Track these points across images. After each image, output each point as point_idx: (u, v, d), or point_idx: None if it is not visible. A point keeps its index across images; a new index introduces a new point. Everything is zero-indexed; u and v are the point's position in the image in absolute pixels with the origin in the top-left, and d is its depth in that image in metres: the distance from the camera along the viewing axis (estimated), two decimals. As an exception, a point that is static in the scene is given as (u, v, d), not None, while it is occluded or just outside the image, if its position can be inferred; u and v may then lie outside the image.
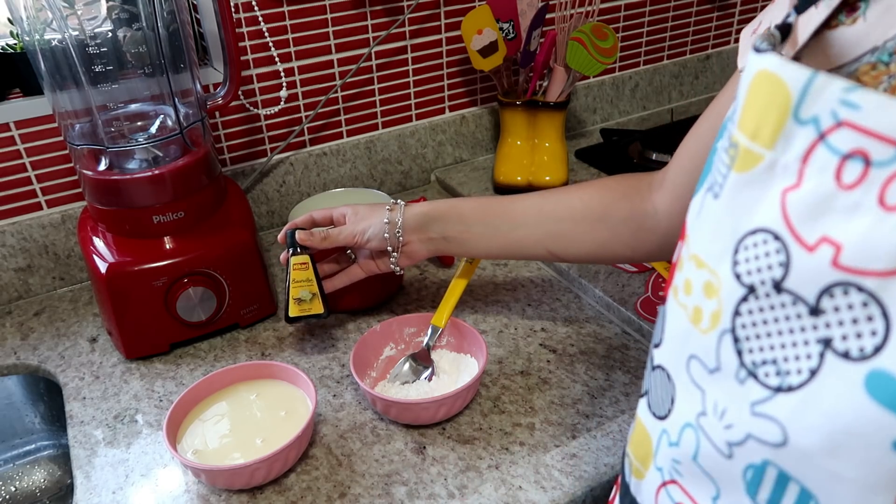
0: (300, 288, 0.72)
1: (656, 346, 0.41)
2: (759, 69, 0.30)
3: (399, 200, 0.75)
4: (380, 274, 0.79)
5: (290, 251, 0.73)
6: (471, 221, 0.72)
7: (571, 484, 0.62)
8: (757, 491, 0.33)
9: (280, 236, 0.76)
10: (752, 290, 0.31)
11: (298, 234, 0.73)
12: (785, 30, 0.36)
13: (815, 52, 0.36)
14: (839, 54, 0.35)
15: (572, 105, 1.28)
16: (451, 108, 1.17)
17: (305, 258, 0.72)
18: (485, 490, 0.62)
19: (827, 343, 0.29)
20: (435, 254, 0.75)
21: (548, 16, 1.08)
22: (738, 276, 0.32)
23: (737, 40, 1.41)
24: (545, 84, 1.06)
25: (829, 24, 0.36)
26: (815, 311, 0.29)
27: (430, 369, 0.74)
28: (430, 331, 0.77)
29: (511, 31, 1.04)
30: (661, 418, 0.40)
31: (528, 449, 0.66)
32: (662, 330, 0.39)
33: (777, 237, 0.30)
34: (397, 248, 0.73)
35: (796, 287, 0.30)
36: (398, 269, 0.76)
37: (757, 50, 0.31)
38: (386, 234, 0.73)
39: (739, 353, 0.33)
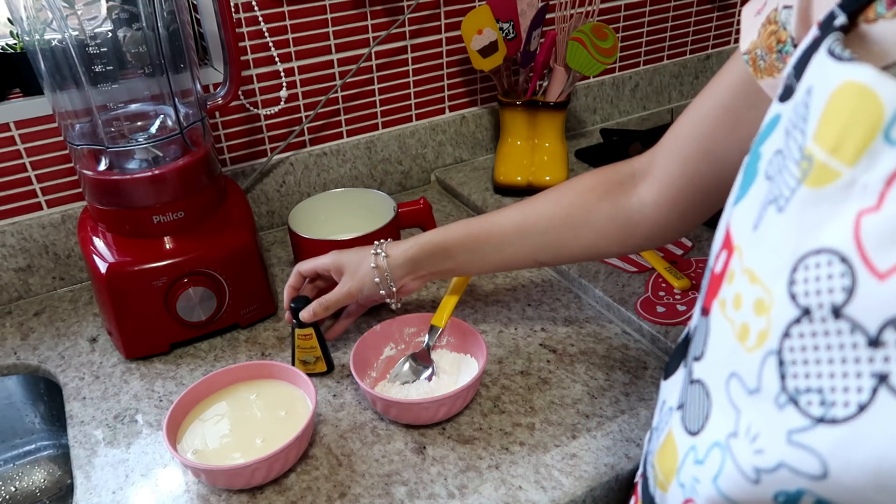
0: (305, 353, 0.76)
1: (696, 359, 0.39)
2: (845, 80, 0.28)
3: (378, 249, 0.74)
4: None
5: (295, 322, 0.75)
6: (456, 252, 0.72)
7: (571, 484, 0.62)
8: None
9: (287, 317, 0.77)
10: (806, 312, 0.30)
11: (303, 315, 0.74)
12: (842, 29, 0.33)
13: (853, 48, 0.33)
14: (885, 52, 0.33)
15: (572, 105, 1.28)
16: (451, 108, 1.17)
17: (309, 330, 0.75)
18: (485, 490, 0.62)
19: (882, 378, 0.27)
20: (429, 281, 0.78)
21: (548, 16, 1.08)
22: (793, 297, 0.30)
23: (737, 41, 1.41)
24: (545, 84, 1.06)
25: (865, 14, 0.33)
26: (875, 342, 0.27)
27: (430, 369, 0.74)
28: (430, 331, 0.77)
29: (511, 31, 1.04)
30: (693, 434, 0.38)
31: (528, 449, 0.66)
32: (705, 343, 0.38)
33: (844, 260, 0.28)
34: (392, 294, 0.74)
35: (857, 315, 0.28)
36: (396, 306, 0.77)
37: (838, 58, 0.29)
38: (382, 291, 0.74)
39: (783, 376, 0.31)
